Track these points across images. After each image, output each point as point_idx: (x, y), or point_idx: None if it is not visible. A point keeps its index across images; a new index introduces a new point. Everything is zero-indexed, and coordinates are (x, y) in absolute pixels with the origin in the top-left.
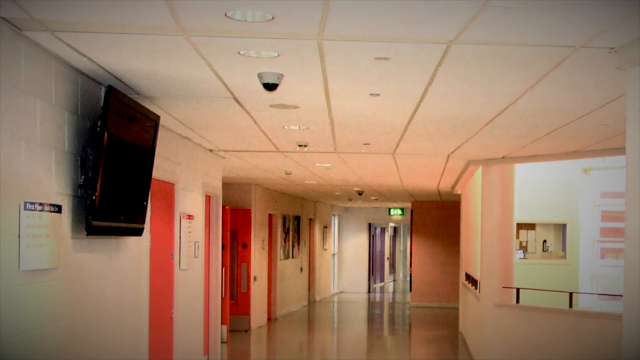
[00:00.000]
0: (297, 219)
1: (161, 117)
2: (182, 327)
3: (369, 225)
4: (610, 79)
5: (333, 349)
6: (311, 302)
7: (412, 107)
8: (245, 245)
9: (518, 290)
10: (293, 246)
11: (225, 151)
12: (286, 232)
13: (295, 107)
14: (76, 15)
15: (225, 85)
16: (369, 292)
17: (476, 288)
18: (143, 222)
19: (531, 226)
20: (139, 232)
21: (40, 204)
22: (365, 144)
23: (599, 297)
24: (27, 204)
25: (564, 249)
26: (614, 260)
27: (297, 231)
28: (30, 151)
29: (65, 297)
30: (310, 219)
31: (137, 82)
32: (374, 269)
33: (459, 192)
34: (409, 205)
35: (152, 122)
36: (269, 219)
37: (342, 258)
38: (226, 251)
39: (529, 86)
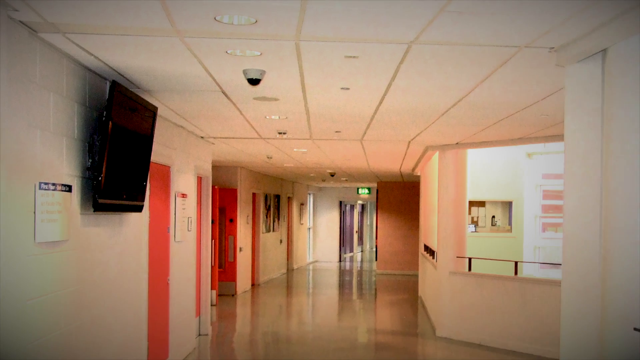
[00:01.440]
0: (277, 197)
1: (159, 108)
2: (177, 292)
3: (340, 202)
4: (550, 75)
5: (309, 311)
6: (289, 270)
7: (378, 99)
8: (232, 220)
9: (470, 259)
10: (274, 221)
11: (214, 138)
12: (268, 208)
13: (276, 99)
14: (85, 19)
15: (214, 80)
16: (340, 261)
17: (433, 258)
18: (143, 200)
19: (481, 203)
20: (139, 209)
21: (53, 184)
22: (336, 132)
23: (541, 266)
24: (42, 184)
25: (510, 224)
26: (553, 234)
27: (277, 208)
28: (44, 138)
29: (75, 266)
30: (288, 198)
31: (138, 77)
32: (344, 241)
33: (419, 174)
34: (375, 185)
35: (150, 113)
36: (253, 197)
37: (317, 231)
38: (215, 225)
39: (480, 81)
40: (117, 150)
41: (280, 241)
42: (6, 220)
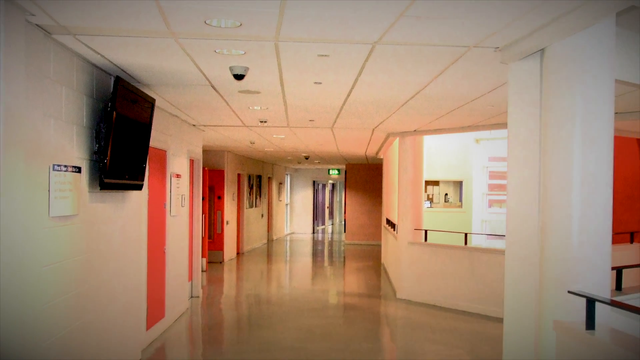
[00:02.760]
0: (259, 177)
1: (156, 100)
2: (172, 260)
3: (313, 182)
4: (496, 71)
5: (286, 276)
6: (269, 241)
7: (346, 92)
8: (220, 197)
9: (426, 231)
10: (256, 198)
11: (204, 126)
12: (251, 187)
13: (258, 92)
14: (92, 22)
15: (204, 75)
16: (313, 233)
17: (394, 230)
18: (142, 179)
19: (436, 183)
20: (139, 187)
21: (65, 166)
22: (310, 120)
23: (487, 237)
24: (55, 166)
25: (460, 200)
26: (498, 209)
27: (259, 187)
28: (57, 126)
29: (84, 237)
30: (269, 178)
31: (138, 73)
32: (317, 215)
33: (382, 157)
34: (344, 167)
35: (149, 104)
36: (238, 177)
37: (293, 207)
38: (205, 202)
39: (434, 76)
40: (121, 137)
41: (262, 215)
42: (24, 197)
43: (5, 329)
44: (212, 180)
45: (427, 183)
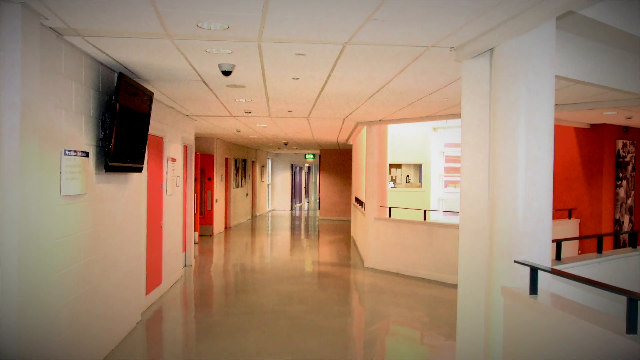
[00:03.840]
0: (244, 161)
1: (154, 93)
2: (168, 233)
3: (292, 165)
4: (451, 68)
5: (268, 247)
6: (253, 216)
7: (320, 86)
8: (210, 179)
9: (390, 208)
10: (241, 179)
11: (196, 116)
12: (237, 169)
13: (243, 86)
14: (99, 25)
15: (196, 72)
16: (292, 209)
17: (362, 207)
18: (142, 163)
19: (399, 166)
20: (139, 170)
21: (75, 151)
22: (289, 111)
23: (443, 213)
24: (66, 151)
25: (420, 181)
26: (453, 189)
27: (244, 169)
28: (68, 116)
29: (91, 213)
30: (253, 161)
31: (139, 70)
32: (294, 194)
33: (351, 143)
34: (318, 152)
35: (148, 97)
36: (226, 161)
37: (274, 187)
38: (197, 182)
39: (397, 72)
40: (123, 125)
41: (247, 194)
42: (39, 179)
43: (24, 294)
44: (203, 163)
45: (391, 166)
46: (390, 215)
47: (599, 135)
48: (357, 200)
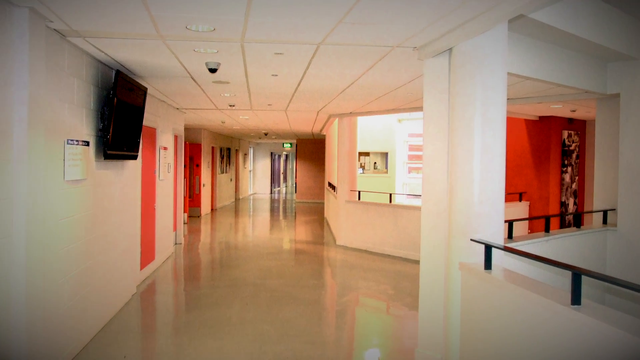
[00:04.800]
0: (228, 149)
1: (148, 89)
2: (161, 215)
3: (271, 153)
4: (414, 66)
5: (250, 227)
6: (237, 199)
7: (297, 82)
8: (198, 165)
9: (359, 192)
10: (226, 166)
11: (186, 109)
12: (222, 157)
13: (228, 82)
14: (98, 27)
15: (186, 69)
16: (271, 193)
17: (334, 191)
18: (137, 151)
19: (367, 154)
20: (135, 158)
21: (77, 141)
22: (269, 105)
23: (407, 196)
24: (69, 141)
25: (386, 167)
26: (416, 174)
27: (229, 157)
28: (70, 109)
29: (91, 196)
30: (236, 150)
31: (134, 67)
32: (274, 179)
33: (324, 133)
34: (295, 141)
35: (142, 92)
36: (212, 149)
37: (255, 173)
38: (187, 169)
39: (366, 70)
40: (120, 118)
41: (231, 179)
42: (45, 165)
43: (31, 268)
44: (191, 151)
45: (360, 154)
46: (359, 199)
47: (546, 126)
48: (330, 184)
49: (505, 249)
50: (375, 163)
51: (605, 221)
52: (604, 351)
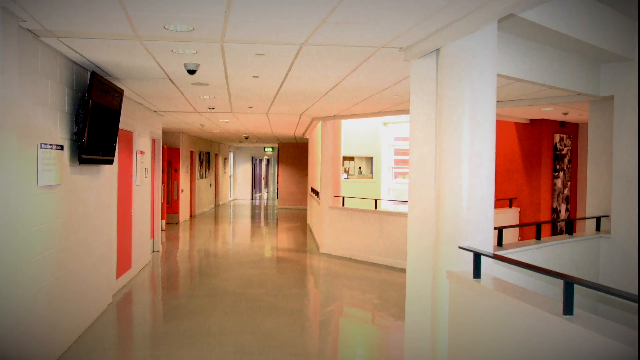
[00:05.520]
0: (208, 153)
1: (124, 91)
2: (138, 221)
3: (252, 157)
4: (400, 67)
5: (230, 234)
6: (216, 205)
7: (278, 84)
8: (176, 170)
9: (343, 198)
10: (205, 170)
11: (164, 112)
12: (201, 162)
13: (207, 84)
14: (73, 27)
15: (164, 70)
16: (252, 199)
17: (318, 197)
18: (113, 155)
19: (351, 158)
20: (111, 162)
21: (50, 145)
22: (249, 107)
23: (393, 202)
24: (43, 145)
25: (371, 172)
26: (402, 180)
27: (208, 161)
28: (44, 112)
29: (66, 202)
30: (216, 154)
31: (110, 68)
32: (255, 184)
33: (307, 137)
34: (277, 145)
35: (119, 94)
36: (191, 154)
37: (235, 178)
38: (164, 174)
39: (350, 71)
40: (96, 121)
41: (210, 185)
42: (17, 170)
43: (3, 277)
44: (169, 156)
45: (344, 158)
46: (343, 204)
47: (537, 129)
48: (313, 190)
49: (495, 256)
50: (360, 168)
51: (598, 228)
52: None
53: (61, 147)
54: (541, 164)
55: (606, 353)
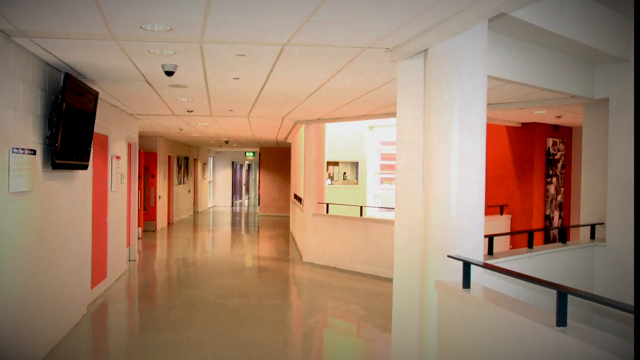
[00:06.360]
0: (186, 158)
1: (99, 93)
2: (113, 229)
3: (232, 162)
4: (386, 68)
5: (209, 242)
6: (195, 212)
7: (260, 86)
8: (153, 176)
9: (327, 204)
10: (184, 176)
11: (140, 115)
12: (179, 167)
13: (185, 86)
14: (46, 27)
15: (140, 72)
16: (232, 206)
17: (301, 203)
18: (88, 160)
19: (336, 163)
20: (85, 167)
21: (22, 149)
22: (230, 110)
23: (379, 209)
24: (14, 149)
25: (357, 178)
26: (388, 186)
27: (187, 166)
28: (15, 115)
29: (39, 209)
30: (195, 159)
31: (84, 70)
32: (235, 191)
33: (290, 141)
34: (258, 149)
35: (93, 96)
36: (169, 159)
37: (215, 184)
38: (141, 179)
39: (335, 73)
40: (69, 124)
41: (189, 191)
42: None
43: None
44: (146, 161)
45: (329, 163)
46: (327, 212)
47: (529, 133)
48: (296, 196)
49: (485, 266)
50: (344, 173)
51: (593, 236)
52: None
53: (34, 152)
54: (533, 169)
55: None
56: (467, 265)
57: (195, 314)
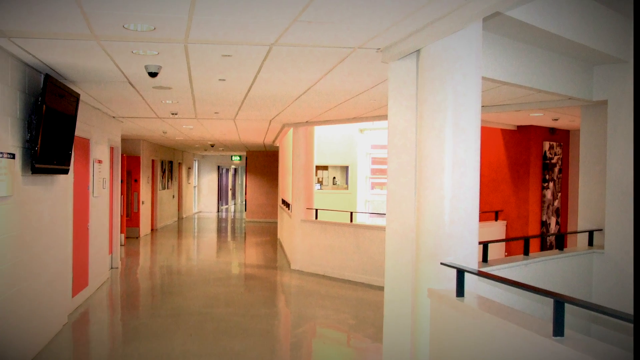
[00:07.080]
0: (170, 162)
1: (81, 95)
2: (95, 235)
3: (218, 167)
4: (377, 69)
5: (194, 249)
6: (180, 218)
7: (247, 88)
8: (137, 180)
9: (316, 210)
10: (168, 181)
11: (123, 117)
12: (163, 171)
13: (170, 88)
14: (25, 27)
15: (123, 73)
16: (218, 211)
17: (289, 209)
18: (69, 164)
19: (325, 167)
20: (66, 172)
21: (1, 153)
22: (215, 113)
23: (370, 215)
24: None
25: (347, 183)
26: (379, 191)
27: (171, 171)
28: None
29: (17, 215)
30: (179, 163)
31: (65, 71)
32: (221, 196)
33: (278, 145)
34: (245, 153)
35: (74, 98)
36: (152, 163)
37: (200, 189)
38: (124, 184)
39: (324, 74)
40: (50, 127)
41: (173, 196)
42: None
43: None
44: (129, 165)
45: (318, 168)
46: (316, 217)
47: (525, 136)
48: (284, 202)
49: (480, 273)
50: (334, 178)
51: (591, 243)
52: None
53: (12, 156)
54: (529, 173)
55: None
56: (460, 273)
57: (179, 324)
